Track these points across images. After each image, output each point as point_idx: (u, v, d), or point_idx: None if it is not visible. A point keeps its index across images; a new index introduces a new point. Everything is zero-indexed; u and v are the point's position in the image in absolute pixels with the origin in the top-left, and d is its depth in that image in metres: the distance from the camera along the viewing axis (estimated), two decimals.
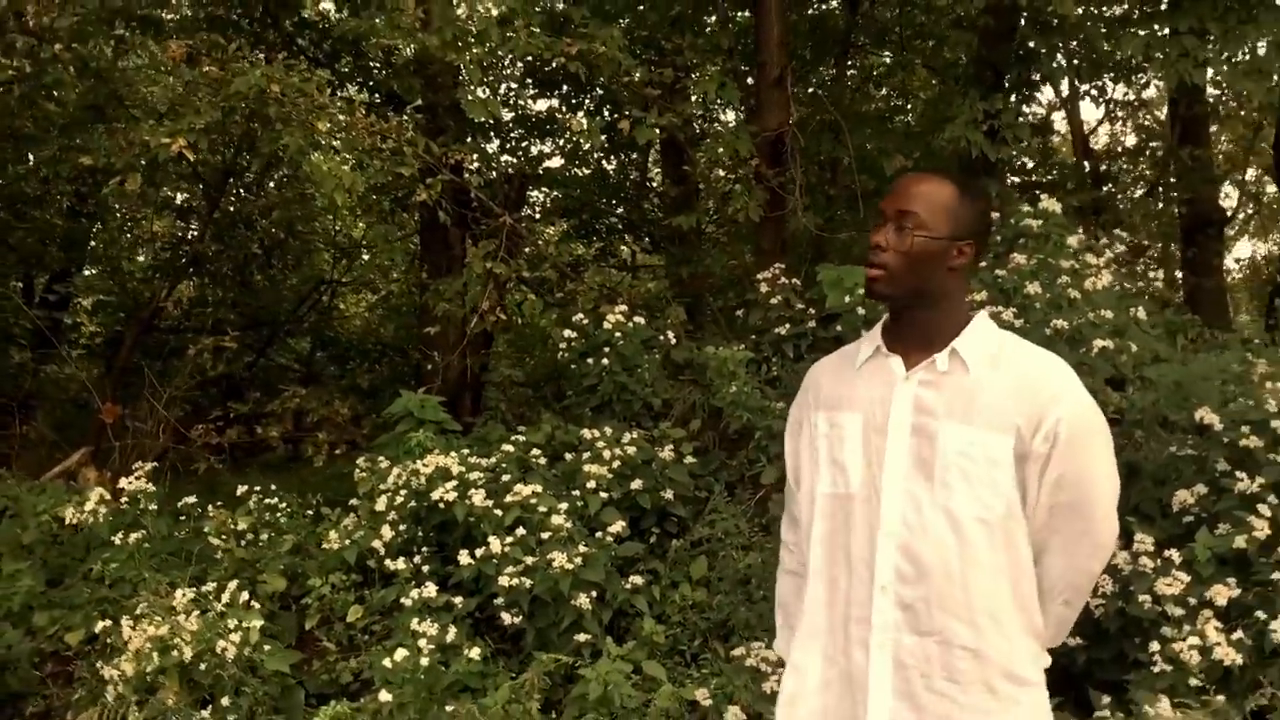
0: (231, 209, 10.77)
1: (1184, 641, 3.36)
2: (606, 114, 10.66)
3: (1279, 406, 3.92)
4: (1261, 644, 3.39)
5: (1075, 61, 9.42)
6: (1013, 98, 8.28)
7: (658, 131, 7.56)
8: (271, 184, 11.31)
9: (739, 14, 10.00)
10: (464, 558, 4.47)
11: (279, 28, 8.51)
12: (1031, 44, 7.91)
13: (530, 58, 7.47)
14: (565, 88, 10.85)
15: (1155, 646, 3.42)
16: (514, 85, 10.96)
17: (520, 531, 4.54)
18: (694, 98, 8.08)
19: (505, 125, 10.69)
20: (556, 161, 11.66)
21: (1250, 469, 3.83)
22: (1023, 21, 8.21)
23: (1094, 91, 10.25)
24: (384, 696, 3.64)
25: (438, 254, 9.18)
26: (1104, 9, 8.31)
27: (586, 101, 11.11)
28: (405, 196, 9.27)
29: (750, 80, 9.03)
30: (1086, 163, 13.66)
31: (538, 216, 11.57)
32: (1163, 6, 7.65)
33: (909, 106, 13.18)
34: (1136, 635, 3.63)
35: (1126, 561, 3.71)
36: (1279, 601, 3.44)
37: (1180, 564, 3.63)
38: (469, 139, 8.65)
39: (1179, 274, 12.41)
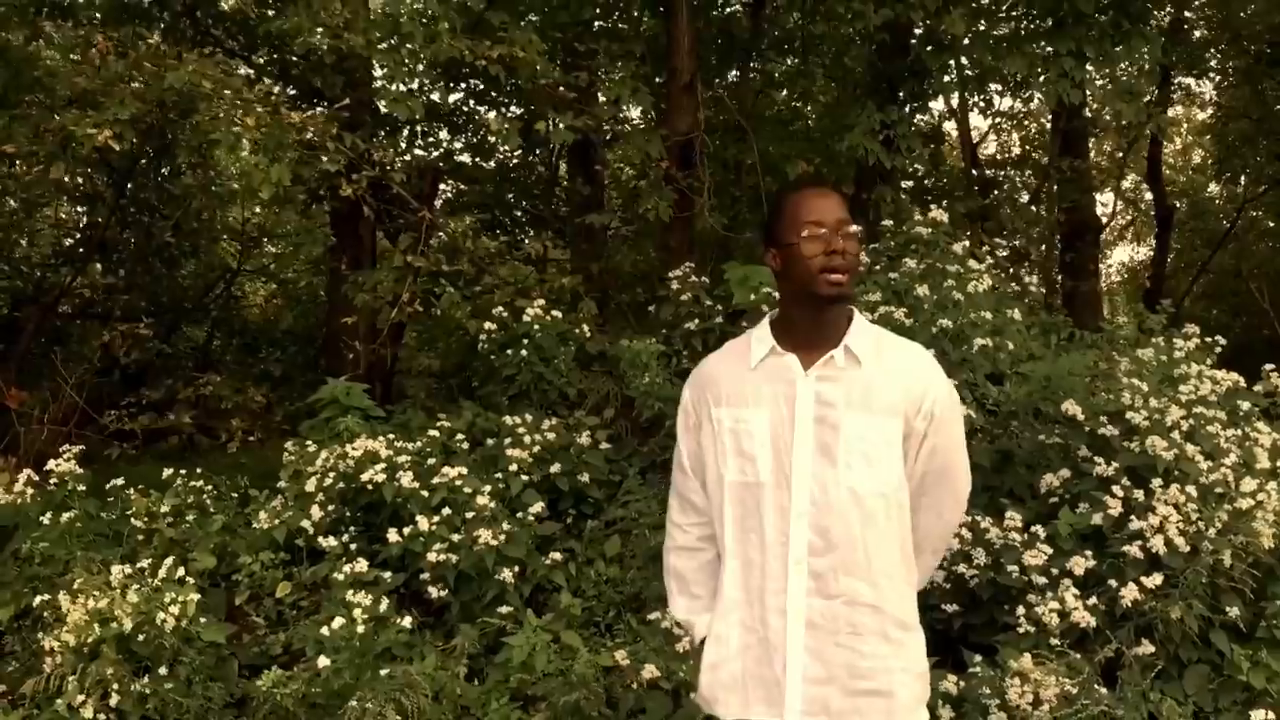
0: (130, 195, 10.68)
1: (1046, 606, 3.80)
2: (517, 110, 10.86)
3: (1133, 399, 4.40)
4: (1113, 609, 3.85)
5: (966, 73, 9.98)
6: (907, 109, 8.76)
7: (572, 133, 7.83)
8: (182, 172, 11.24)
9: (646, 14, 10.27)
10: (393, 535, 4.72)
11: (195, 20, 8.56)
12: (924, 60, 8.40)
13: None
14: (473, 82, 11.00)
15: (1021, 611, 3.85)
16: (427, 82, 11.08)
17: (446, 511, 4.81)
18: (603, 101, 8.35)
19: (418, 119, 10.80)
20: (468, 156, 11.83)
21: (1108, 455, 4.30)
22: (915, 40, 8.71)
23: (981, 103, 10.81)
24: (322, 662, 3.87)
25: (351, 246, 9.33)
26: (992, 29, 8.83)
27: (498, 96, 11.28)
28: (318, 189, 9.37)
29: (659, 80, 9.34)
30: (974, 170, 14.33)
31: (446, 210, 11.73)
32: (1045, 25, 8.20)
33: (809, 109, 13.63)
34: (1006, 602, 4.06)
35: (998, 537, 4.15)
36: (1129, 571, 3.89)
37: (1045, 539, 4.09)
38: (384, 133, 8.80)
39: (1059, 277, 13.10)
